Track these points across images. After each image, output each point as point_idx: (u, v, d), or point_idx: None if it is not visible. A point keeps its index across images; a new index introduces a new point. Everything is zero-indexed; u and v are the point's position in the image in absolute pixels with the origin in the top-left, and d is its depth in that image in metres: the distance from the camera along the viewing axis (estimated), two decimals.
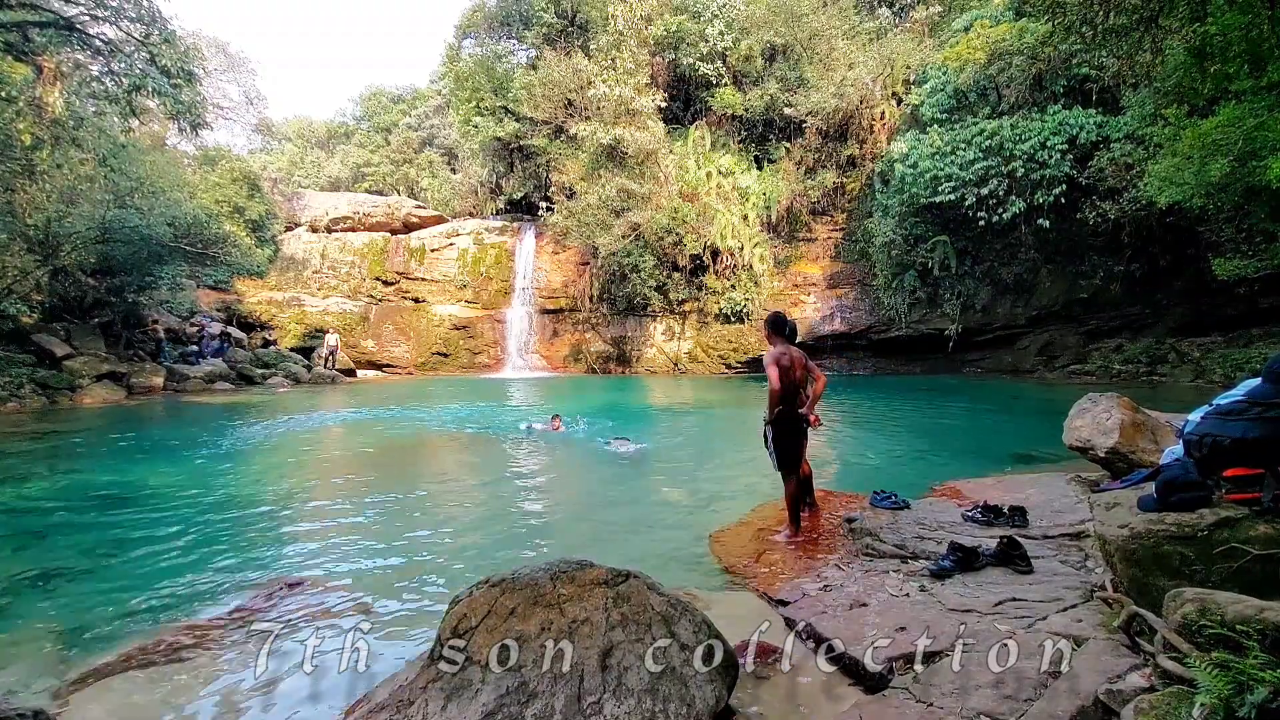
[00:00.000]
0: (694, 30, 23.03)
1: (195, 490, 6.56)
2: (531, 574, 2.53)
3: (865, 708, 2.42)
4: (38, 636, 3.46)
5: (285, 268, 24.87)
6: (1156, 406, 5.81)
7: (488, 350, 24.47)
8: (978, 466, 6.87)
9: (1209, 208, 12.15)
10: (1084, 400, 5.33)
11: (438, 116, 37.02)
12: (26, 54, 13.76)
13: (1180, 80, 10.21)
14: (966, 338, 20.04)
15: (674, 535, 5.07)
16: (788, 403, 4.52)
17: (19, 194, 13.45)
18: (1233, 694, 1.76)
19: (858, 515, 4.72)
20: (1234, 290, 14.82)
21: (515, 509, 6.00)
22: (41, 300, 15.19)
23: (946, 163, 17.14)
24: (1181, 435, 2.94)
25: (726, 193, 22.79)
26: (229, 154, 26.42)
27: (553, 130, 25.34)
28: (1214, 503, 2.59)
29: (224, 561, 4.58)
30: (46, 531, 5.28)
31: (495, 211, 29.54)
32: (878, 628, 2.96)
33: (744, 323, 22.20)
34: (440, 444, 9.87)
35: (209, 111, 19.23)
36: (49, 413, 12.17)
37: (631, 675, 2.21)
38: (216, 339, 19.69)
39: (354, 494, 6.60)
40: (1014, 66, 16.91)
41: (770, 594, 3.65)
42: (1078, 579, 3.30)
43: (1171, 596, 2.27)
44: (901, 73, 21.13)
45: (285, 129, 43.21)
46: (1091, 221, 16.06)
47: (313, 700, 2.77)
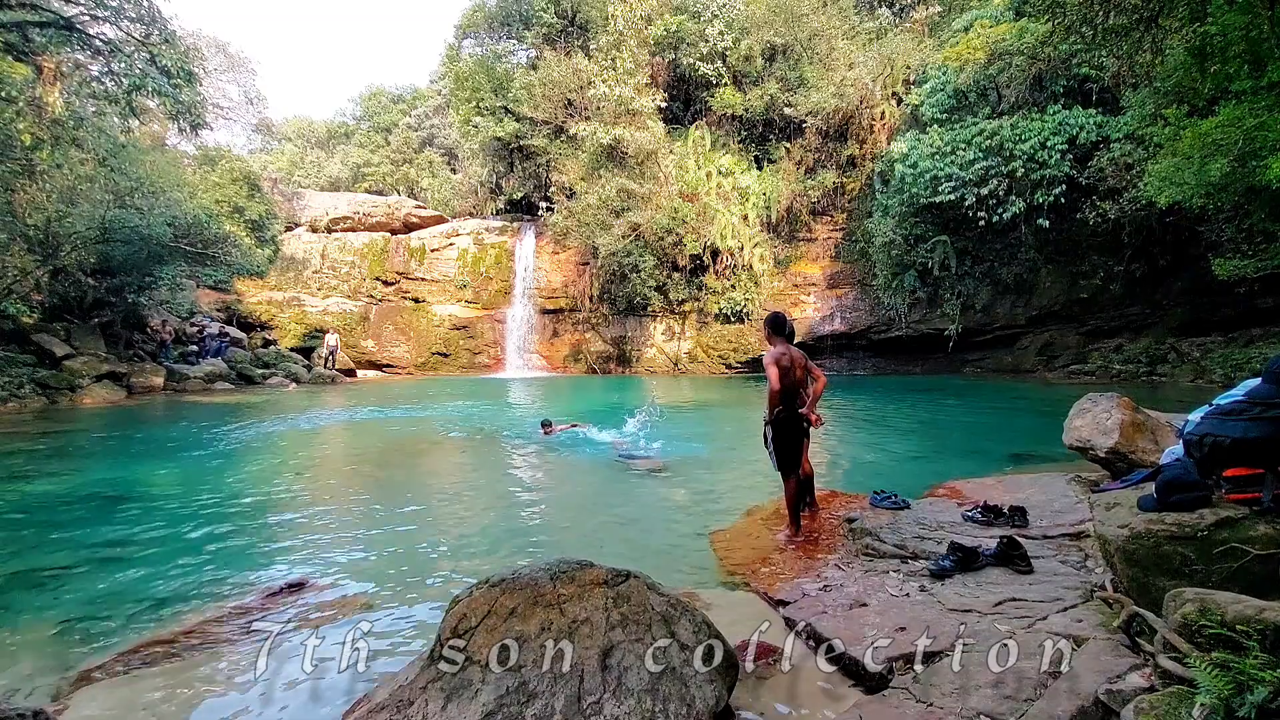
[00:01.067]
0: (694, 30, 23.03)
1: (195, 490, 6.56)
2: (531, 574, 2.53)
3: (865, 708, 2.42)
4: (38, 636, 3.46)
5: (285, 268, 24.86)
6: (1156, 406, 5.81)
7: (488, 350, 24.48)
8: (978, 466, 6.86)
9: (1209, 208, 12.13)
10: (1084, 400, 5.32)
11: (438, 116, 37.03)
12: (26, 54, 13.76)
13: (1180, 80, 10.21)
14: (966, 338, 20.03)
15: (674, 535, 5.07)
16: (787, 403, 4.52)
17: (19, 194, 13.44)
18: (1233, 694, 1.76)
19: (858, 515, 4.71)
20: (1234, 290, 14.80)
21: (515, 509, 6.00)
22: (41, 300, 15.19)
23: (946, 163, 17.14)
24: (1181, 435, 2.94)
25: (726, 193, 22.79)
26: (229, 154, 26.40)
27: (553, 130, 25.34)
28: (1214, 503, 2.59)
29: (224, 561, 4.58)
30: (46, 531, 5.28)
31: (495, 211, 29.54)
32: (878, 628, 2.96)
33: (744, 323, 22.19)
34: (440, 444, 9.86)
35: (209, 111, 19.25)
36: (49, 413, 12.17)
37: (631, 675, 2.21)
38: (218, 339, 19.69)
39: (354, 494, 6.60)
40: (1014, 66, 16.90)
41: (770, 594, 3.65)
42: (1078, 579, 3.30)
43: (1171, 596, 2.27)
44: (901, 73, 21.13)
45: (285, 129, 43.21)
46: (1091, 221, 16.05)
47: (313, 700, 2.77)
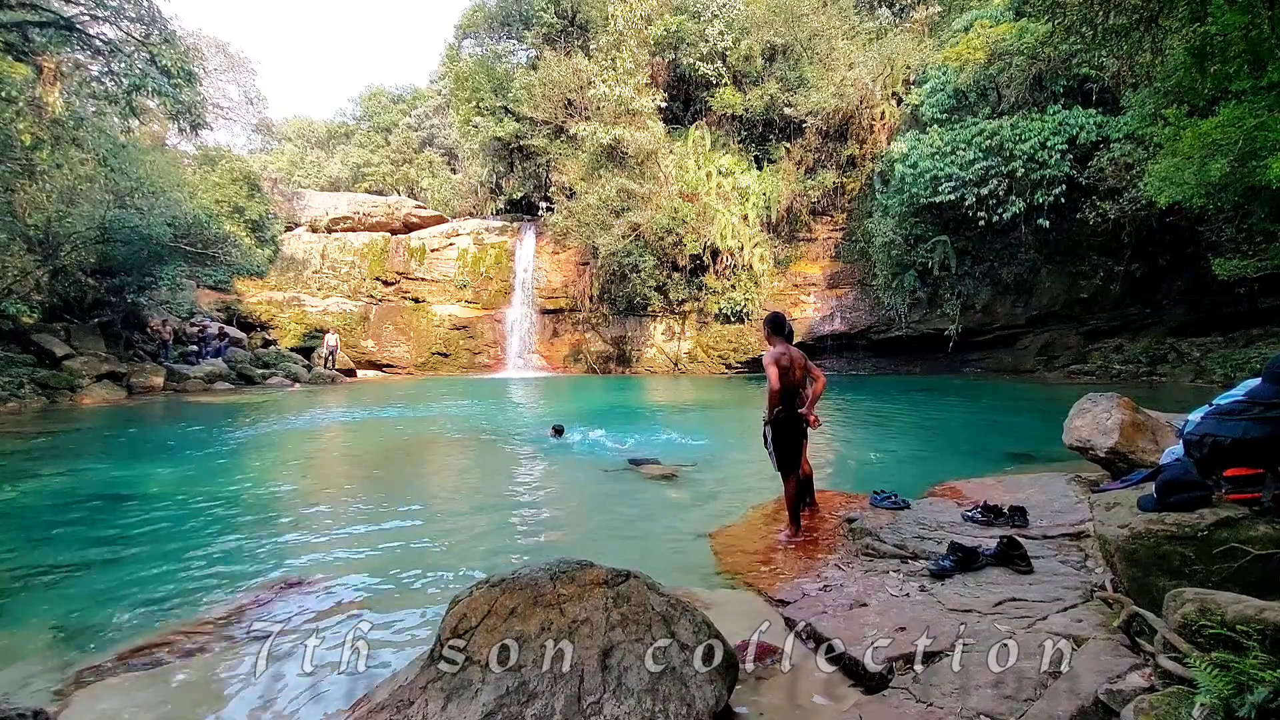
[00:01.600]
0: (694, 30, 23.02)
1: (195, 490, 6.56)
2: (531, 574, 2.53)
3: (865, 708, 2.42)
4: (38, 636, 3.46)
5: (285, 268, 24.87)
6: (1156, 406, 5.80)
7: (488, 350, 24.47)
8: (978, 466, 6.86)
9: (1209, 208, 12.14)
10: (1084, 400, 5.32)
11: (438, 116, 37.03)
12: (26, 54, 13.76)
13: (1180, 80, 10.20)
14: (966, 338, 20.03)
15: (674, 535, 5.07)
16: (787, 403, 4.52)
17: (19, 194, 13.44)
18: (1233, 694, 1.76)
19: (858, 515, 4.71)
20: (1234, 290, 14.82)
21: (515, 509, 6.00)
22: (41, 300, 15.19)
23: (946, 163, 17.14)
24: (1181, 435, 2.94)
25: (726, 193, 22.78)
26: (229, 154, 26.42)
27: (553, 130, 25.34)
28: (1214, 503, 2.59)
29: (224, 561, 4.58)
30: (46, 531, 5.28)
31: (495, 211, 29.55)
32: (878, 628, 2.96)
33: (744, 323, 22.19)
34: (440, 444, 9.86)
35: (209, 111, 19.26)
36: (49, 413, 12.17)
37: (631, 675, 2.21)
38: (217, 339, 19.70)
39: (354, 494, 6.60)
40: (1014, 66, 16.91)
41: (770, 594, 3.65)
42: (1078, 579, 3.30)
43: (1171, 596, 2.27)
44: (901, 73, 21.12)
45: (285, 129, 43.22)
46: (1091, 221, 16.06)
47: (313, 700, 2.77)
